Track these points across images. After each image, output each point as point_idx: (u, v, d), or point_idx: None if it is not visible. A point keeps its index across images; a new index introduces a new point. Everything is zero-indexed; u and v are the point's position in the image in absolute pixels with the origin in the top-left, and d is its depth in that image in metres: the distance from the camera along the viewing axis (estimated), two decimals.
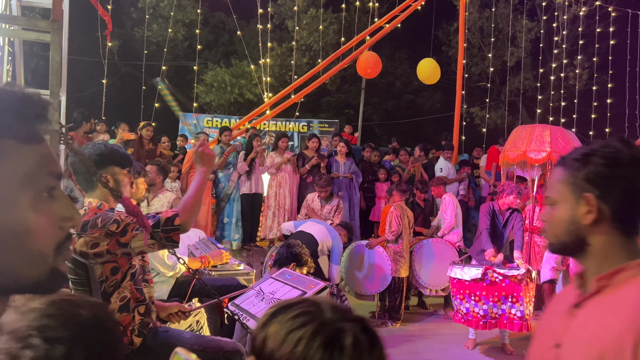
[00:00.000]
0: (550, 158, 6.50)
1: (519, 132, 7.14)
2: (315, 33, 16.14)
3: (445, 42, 19.46)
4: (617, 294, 1.21)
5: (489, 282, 5.13)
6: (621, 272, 1.22)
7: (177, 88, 18.32)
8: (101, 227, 2.30)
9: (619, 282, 1.22)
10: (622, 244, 1.25)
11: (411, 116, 20.58)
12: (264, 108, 10.35)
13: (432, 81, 10.81)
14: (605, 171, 1.23)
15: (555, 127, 7.16)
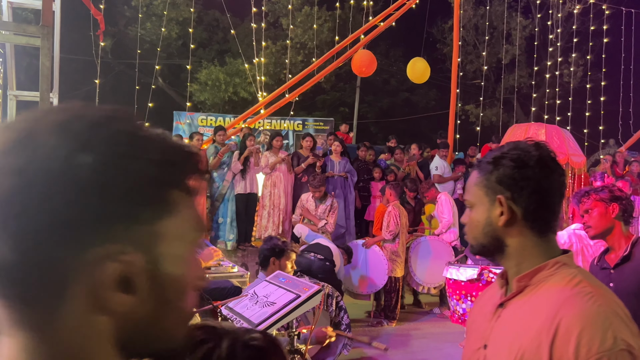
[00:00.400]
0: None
1: (514, 131, 7.14)
2: (309, 31, 16.10)
3: (439, 40, 19.46)
4: (537, 293, 1.24)
5: (485, 282, 5.10)
6: (540, 272, 1.25)
7: (171, 87, 18.26)
8: None
9: (538, 281, 1.25)
10: (537, 243, 1.29)
11: (406, 114, 20.59)
12: (259, 107, 10.32)
13: (422, 80, 10.81)
14: (514, 173, 1.27)
15: (551, 125, 7.16)
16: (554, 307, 1.17)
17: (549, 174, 1.28)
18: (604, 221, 2.86)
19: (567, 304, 1.16)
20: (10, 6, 3.28)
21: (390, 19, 10.59)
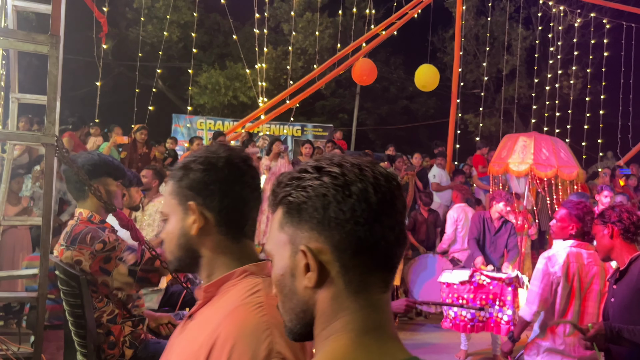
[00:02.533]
0: (532, 170, 6.45)
1: (505, 142, 7.10)
2: (310, 37, 16.15)
3: (440, 49, 19.53)
4: (217, 304, 1.16)
5: (477, 284, 5.12)
6: (227, 281, 1.17)
7: (170, 89, 18.26)
8: (89, 244, 2.28)
9: (224, 291, 1.17)
10: (231, 250, 1.21)
11: (405, 122, 20.63)
12: (259, 113, 10.32)
13: (430, 88, 10.80)
14: (203, 177, 1.20)
15: (542, 135, 7.04)
16: (219, 318, 1.09)
17: (239, 177, 1.21)
18: (603, 243, 2.92)
19: (230, 315, 1.08)
20: (15, 9, 3.28)
21: (392, 28, 10.63)
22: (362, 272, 0.82)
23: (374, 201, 0.80)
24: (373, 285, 0.84)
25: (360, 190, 0.80)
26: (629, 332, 2.53)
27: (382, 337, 0.83)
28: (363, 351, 0.81)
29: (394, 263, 0.85)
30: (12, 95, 3.34)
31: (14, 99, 3.31)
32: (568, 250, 3.39)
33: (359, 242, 0.81)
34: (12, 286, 4.87)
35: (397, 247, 0.84)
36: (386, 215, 0.81)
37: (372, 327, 0.83)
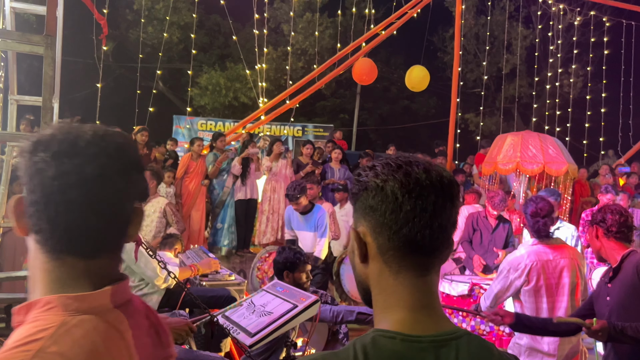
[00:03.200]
0: (519, 167, 6.46)
1: (496, 141, 7.11)
2: (310, 37, 16.16)
3: (440, 48, 19.53)
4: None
5: (476, 297, 5.09)
6: (30, 310, 0.93)
7: (171, 91, 18.28)
8: None
9: (29, 321, 0.91)
10: (50, 268, 0.95)
11: (406, 121, 20.64)
12: (260, 113, 10.33)
13: (420, 88, 10.83)
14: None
15: (530, 133, 7.04)
16: None
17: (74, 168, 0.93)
18: (593, 244, 2.97)
19: None
20: (13, 11, 3.28)
21: (392, 28, 10.63)
22: (398, 255, 0.97)
23: (399, 196, 0.94)
24: (410, 267, 0.97)
25: (390, 187, 0.95)
26: (633, 329, 2.53)
27: (434, 314, 0.98)
28: (419, 324, 0.96)
29: (428, 249, 0.97)
30: (10, 97, 3.34)
31: (12, 101, 3.32)
32: (529, 249, 3.41)
33: (389, 229, 0.95)
34: (13, 287, 4.87)
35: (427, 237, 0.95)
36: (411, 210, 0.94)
37: (422, 305, 0.98)
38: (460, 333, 0.98)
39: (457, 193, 0.99)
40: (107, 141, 0.97)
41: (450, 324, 1.00)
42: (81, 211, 0.93)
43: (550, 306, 3.37)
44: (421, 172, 0.96)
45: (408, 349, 0.94)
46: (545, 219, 3.36)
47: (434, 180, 0.96)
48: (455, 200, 0.99)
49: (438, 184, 0.96)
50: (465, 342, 0.98)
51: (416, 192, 0.95)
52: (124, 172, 0.98)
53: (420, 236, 0.95)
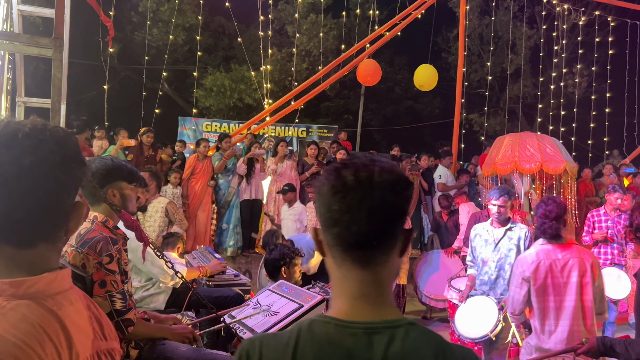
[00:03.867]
0: (517, 167, 6.47)
1: (496, 143, 7.14)
2: (315, 38, 16.18)
3: (444, 49, 19.52)
4: None
5: None
6: None
7: (176, 92, 18.34)
8: (97, 253, 2.31)
9: None
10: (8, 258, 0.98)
11: (410, 122, 20.63)
12: (264, 114, 10.36)
13: (429, 87, 10.82)
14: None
15: (529, 133, 7.07)
16: None
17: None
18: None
19: None
20: (21, 14, 3.32)
21: (396, 29, 10.63)
22: (339, 250, 1.05)
23: (328, 198, 1.03)
24: (350, 260, 1.05)
25: (324, 190, 1.04)
26: (621, 346, 2.56)
27: (375, 304, 1.06)
28: (356, 311, 1.05)
29: (364, 244, 1.03)
30: (18, 99, 3.38)
31: (20, 103, 3.35)
32: (538, 248, 3.47)
33: (327, 227, 1.04)
34: None
35: (357, 233, 1.02)
36: (338, 210, 1.01)
37: (362, 294, 1.06)
38: (400, 323, 1.04)
39: (392, 189, 1.03)
40: (46, 135, 1.01)
41: (394, 315, 1.06)
42: (18, 201, 0.96)
43: (557, 305, 3.42)
44: (349, 174, 1.02)
45: (339, 333, 1.02)
46: (553, 221, 3.41)
47: (361, 181, 1.01)
48: (391, 196, 1.02)
49: (366, 184, 1.01)
50: (403, 331, 1.03)
51: (342, 193, 1.01)
52: (62, 165, 1.02)
53: (349, 233, 1.02)
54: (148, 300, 3.80)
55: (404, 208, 1.05)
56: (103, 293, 2.29)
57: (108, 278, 2.31)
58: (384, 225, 1.03)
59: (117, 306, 2.31)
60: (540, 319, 3.48)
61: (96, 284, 2.29)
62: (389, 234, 1.05)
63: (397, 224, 1.05)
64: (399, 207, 1.04)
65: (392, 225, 1.04)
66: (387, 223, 1.03)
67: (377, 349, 1.01)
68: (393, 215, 1.04)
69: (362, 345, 1.01)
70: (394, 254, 1.08)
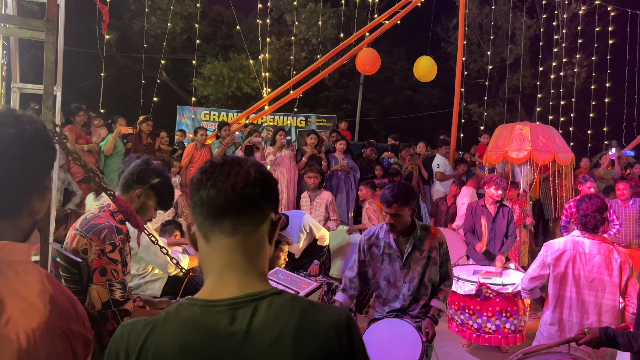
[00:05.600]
0: (532, 156, 6.48)
1: (500, 131, 7.12)
2: (314, 27, 16.10)
3: (444, 39, 19.43)
4: None
5: (484, 297, 5.10)
6: None
7: (174, 81, 18.27)
8: (100, 240, 2.30)
9: None
10: None
11: (409, 112, 20.57)
12: (263, 103, 10.33)
13: (428, 79, 10.80)
14: None
15: (536, 124, 7.10)
16: None
17: None
18: None
19: None
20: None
21: (395, 17, 10.57)
22: (208, 224, 1.14)
23: (199, 177, 1.15)
24: (219, 231, 1.13)
25: (196, 175, 1.17)
26: (624, 338, 2.58)
27: (243, 271, 1.13)
28: (223, 286, 1.11)
29: (229, 209, 1.12)
30: (13, 85, 3.35)
31: (15, 89, 3.33)
32: (570, 238, 3.53)
33: (197, 203, 1.15)
34: None
35: (224, 198, 1.12)
36: (207, 179, 1.14)
37: (230, 263, 1.13)
38: (265, 294, 1.10)
39: (257, 167, 1.18)
40: (8, 119, 1.08)
41: (261, 286, 1.13)
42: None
43: (574, 296, 3.49)
44: (213, 161, 1.18)
45: (204, 313, 1.07)
46: (596, 214, 3.49)
47: (226, 160, 1.17)
48: (255, 170, 1.16)
49: (230, 163, 1.16)
50: (268, 301, 1.09)
51: (209, 170, 1.15)
52: (22, 148, 1.08)
53: (217, 198, 1.13)
54: (144, 287, 3.81)
55: (267, 183, 1.17)
56: (104, 281, 2.29)
57: (109, 267, 2.30)
58: (247, 192, 1.13)
59: (116, 296, 2.30)
60: (555, 307, 3.54)
61: (96, 272, 2.28)
62: (252, 204, 1.14)
63: (261, 197, 1.15)
64: (261, 180, 1.16)
65: (256, 197, 1.14)
66: (250, 190, 1.13)
67: (240, 323, 1.05)
68: (255, 187, 1.14)
69: (226, 321, 1.06)
70: (262, 228, 1.17)
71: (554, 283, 3.55)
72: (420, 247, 3.38)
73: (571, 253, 3.49)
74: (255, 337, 1.04)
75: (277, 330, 1.05)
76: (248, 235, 1.15)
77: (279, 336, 1.04)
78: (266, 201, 1.17)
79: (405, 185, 3.36)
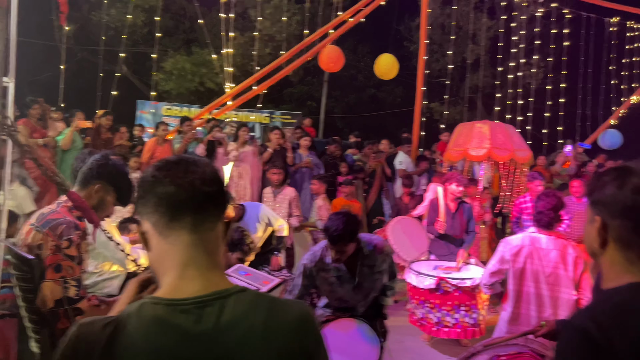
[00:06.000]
0: (491, 154, 6.62)
1: (460, 129, 7.25)
2: (278, 23, 16.00)
3: (407, 38, 19.63)
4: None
5: (443, 291, 5.19)
6: None
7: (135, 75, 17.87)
8: (57, 236, 2.23)
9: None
10: None
11: (373, 110, 20.73)
12: (226, 99, 10.22)
13: (389, 77, 10.91)
14: None
15: (495, 122, 7.27)
16: None
17: None
18: None
19: None
20: None
21: (359, 15, 10.63)
22: (166, 220, 1.12)
23: (153, 173, 1.15)
24: (179, 227, 1.12)
25: (150, 171, 1.16)
26: None
27: (206, 269, 1.12)
28: (187, 284, 1.10)
29: (190, 207, 1.12)
30: None
31: None
32: (527, 234, 3.62)
33: (153, 199, 1.13)
34: None
35: (185, 195, 1.12)
36: (165, 175, 1.13)
37: (193, 260, 1.12)
38: (231, 291, 1.10)
39: (211, 167, 1.19)
40: None
41: (225, 284, 1.12)
42: None
43: (535, 292, 3.57)
44: (169, 159, 1.19)
45: (170, 312, 1.06)
46: (550, 211, 3.58)
47: (182, 159, 1.18)
48: (210, 168, 1.18)
49: (186, 161, 1.17)
50: (234, 299, 1.09)
51: (166, 167, 1.16)
52: None
53: (177, 195, 1.12)
54: (101, 285, 3.71)
55: (221, 183, 1.18)
56: (57, 278, 2.21)
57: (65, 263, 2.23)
58: (206, 190, 1.13)
59: (70, 293, 2.23)
60: (514, 303, 3.62)
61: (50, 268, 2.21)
62: (210, 202, 1.15)
63: (218, 195, 1.16)
64: (216, 179, 1.17)
65: (213, 195, 1.15)
66: (208, 188, 1.14)
67: (208, 321, 1.05)
68: (213, 185, 1.15)
69: (193, 319, 1.05)
70: (219, 226, 1.17)
71: (513, 279, 3.63)
72: (370, 264, 3.32)
73: (529, 249, 3.57)
74: (224, 335, 1.04)
75: (245, 328, 1.05)
76: (208, 232, 1.14)
77: (247, 333, 1.05)
78: (221, 200, 1.18)
79: (350, 221, 3.17)
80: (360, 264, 3.27)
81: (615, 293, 1.23)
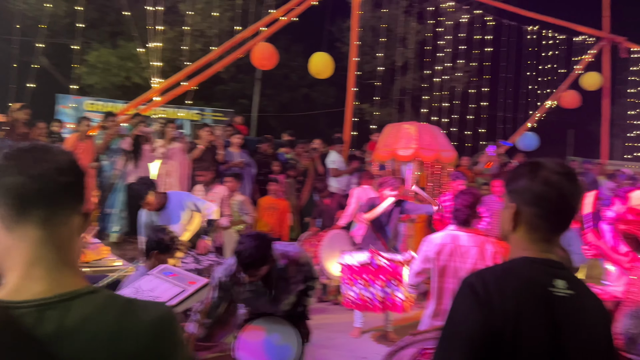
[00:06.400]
0: (417, 154, 6.84)
1: (389, 130, 7.45)
2: (209, 19, 15.69)
3: (339, 39, 19.83)
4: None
5: (377, 266, 5.29)
6: None
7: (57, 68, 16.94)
8: None
9: None
10: None
11: (306, 109, 20.80)
12: (153, 94, 9.90)
13: (324, 75, 10.98)
14: None
15: (422, 124, 7.54)
16: None
17: None
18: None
19: None
20: None
21: (291, 14, 10.62)
22: (13, 213, 1.02)
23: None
24: (26, 221, 1.03)
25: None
26: None
27: (53, 268, 1.03)
28: (30, 284, 1.01)
29: (28, 207, 1.03)
30: None
31: None
32: (448, 232, 3.75)
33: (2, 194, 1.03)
34: None
35: (19, 197, 1.02)
36: (14, 164, 1.04)
37: (39, 258, 1.03)
38: (79, 293, 1.03)
39: (64, 154, 1.10)
40: None
41: (74, 285, 1.04)
42: None
43: (453, 287, 3.65)
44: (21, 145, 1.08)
45: (7, 316, 0.97)
46: (467, 209, 3.71)
47: (34, 146, 1.08)
48: (63, 156, 1.09)
49: (38, 148, 1.08)
50: (82, 301, 1.02)
51: (15, 154, 1.06)
52: None
53: (26, 186, 1.03)
54: None
55: (79, 172, 1.10)
56: None
57: None
58: (59, 180, 1.05)
59: None
60: (437, 299, 3.73)
61: None
62: (65, 193, 1.06)
63: (74, 186, 1.08)
64: (73, 168, 1.08)
65: (68, 186, 1.06)
66: (62, 178, 1.05)
67: (48, 326, 0.97)
68: (68, 175, 1.06)
69: (33, 324, 0.97)
70: (74, 219, 1.08)
71: (436, 277, 3.73)
72: (286, 276, 3.28)
73: (450, 246, 3.70)
74: (67, 340, 0.97)
75: (91, 332, 0.99)
76: (60, 227, 1.06)
77: (93, 338, 0.98)
78: (78, 191, 1.09)
79: (261, 245, 3.08)
80: (276, 278, 3.24)
81: (508, 262, 1.47)
